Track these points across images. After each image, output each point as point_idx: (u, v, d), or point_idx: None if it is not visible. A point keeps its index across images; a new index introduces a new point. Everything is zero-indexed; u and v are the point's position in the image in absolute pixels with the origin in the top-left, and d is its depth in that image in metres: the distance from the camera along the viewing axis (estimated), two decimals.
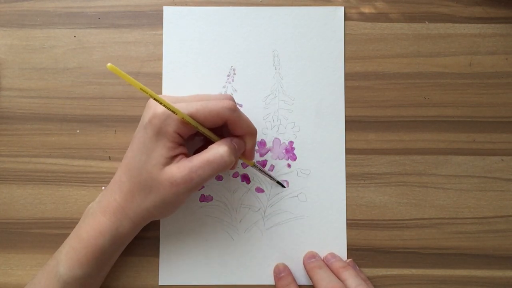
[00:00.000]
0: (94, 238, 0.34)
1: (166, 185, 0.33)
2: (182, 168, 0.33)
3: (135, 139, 0.35)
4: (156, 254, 0.40)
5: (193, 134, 0.36)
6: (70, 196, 0.41)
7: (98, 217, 0.35)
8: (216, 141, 0.35)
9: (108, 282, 0.40)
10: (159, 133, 0.33)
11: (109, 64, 0.29)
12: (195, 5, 0.42)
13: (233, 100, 0.36)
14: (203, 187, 0.41)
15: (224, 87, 0.41)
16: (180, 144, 0.34)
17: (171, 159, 0.34)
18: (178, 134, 0.34)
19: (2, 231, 0.41)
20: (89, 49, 0.42)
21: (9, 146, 0.41)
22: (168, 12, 0.42)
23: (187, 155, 0.35)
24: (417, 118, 0.42)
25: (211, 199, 0.41)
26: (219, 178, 0.41)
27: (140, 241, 0.40)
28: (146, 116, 0.34)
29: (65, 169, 0.41)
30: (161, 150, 0.33)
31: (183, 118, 0.33)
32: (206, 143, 0.37)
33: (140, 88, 0.31)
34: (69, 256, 0.34)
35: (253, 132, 0.36)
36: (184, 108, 0.33)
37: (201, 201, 0.41)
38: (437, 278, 0.41)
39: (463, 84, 0.42)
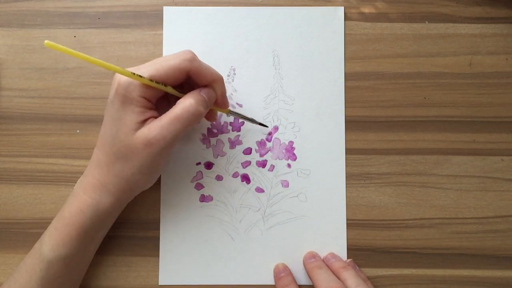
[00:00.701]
0: (75, 216, 0.34)
1: (140, 148, 0.33)
2: (153, 128, 0.33)
3: (105, 115, 0.35)
4: (156, 254, 0.40)
5: (165, 98, 0.37)
6: None
7: (79, 195, 0.35)
8: None
9: (108, 282, 0.40)
10: (125, 101, 0.34)
11: (46, 41, 0.28)
12: (195, 5, 0.42)
13: (192, 52, 0.35)
14: (203, 187, 0.41)
15: None
16: (149, 108, 0.35)
17: (141, 123, 0.34)
18: (144, 98, 0.34)
19: (2, 231, 0.41)
20: (89, 49, 0.42)
21: (9, 146, 0.41)
22: (168, 12, 0.42)
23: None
24: (417, 118, 0.42)
25: (211, 199, 0.41)
26: (219, 178, 0.41)
27: (140, 241, 0.40)
28: (111, 91, 0.34)
29: (65, 169, 0.41)
30: (130, 117, 0.34)
31: (145, 82, 0.33)
32: None
33: (94, 62, 0.31)
34: (52, 236, 0.35)
35: (218, 78, 0.36)
36: (144, 72, 0.33)
37: (201, 201, 0.41)
38: (437, 278, 0.41)
39: (463, 84, 0.42)
